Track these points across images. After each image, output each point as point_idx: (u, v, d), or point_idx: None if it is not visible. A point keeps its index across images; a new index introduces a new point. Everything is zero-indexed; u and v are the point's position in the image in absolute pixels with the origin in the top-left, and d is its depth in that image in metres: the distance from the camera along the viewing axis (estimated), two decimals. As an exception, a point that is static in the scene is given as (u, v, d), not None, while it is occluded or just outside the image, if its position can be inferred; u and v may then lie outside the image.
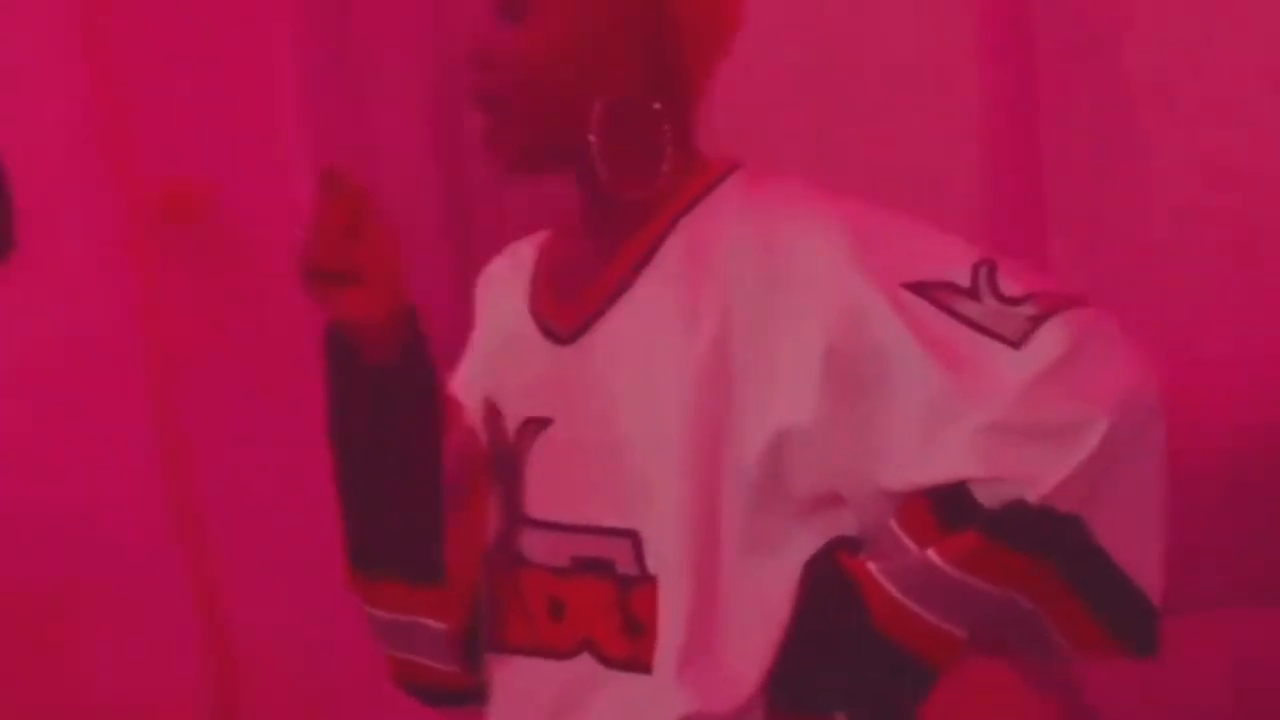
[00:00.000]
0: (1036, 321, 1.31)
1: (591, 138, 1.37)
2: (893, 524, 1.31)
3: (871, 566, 1.31)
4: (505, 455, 1.45)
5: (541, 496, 1.42)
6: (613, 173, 1.38)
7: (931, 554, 1.29)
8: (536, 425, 1.42)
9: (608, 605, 1.36)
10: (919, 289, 1.32)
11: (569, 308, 1.43)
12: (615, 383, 1.39)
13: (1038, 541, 1.29)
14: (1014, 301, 1.32)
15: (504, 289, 1.51)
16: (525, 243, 1.53)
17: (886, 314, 1.31)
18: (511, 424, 1.44)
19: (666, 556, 1.33)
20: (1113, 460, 1.29)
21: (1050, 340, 1.31)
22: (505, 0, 1.39)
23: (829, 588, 1.33)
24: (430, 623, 1.44)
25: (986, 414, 1.29)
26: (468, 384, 1.51)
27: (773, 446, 1.33)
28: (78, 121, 2.70)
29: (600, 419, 1.39)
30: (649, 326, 1.39)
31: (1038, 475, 1.28)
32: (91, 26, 2.70)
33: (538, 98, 1.38)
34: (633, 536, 1.35)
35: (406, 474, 1.40)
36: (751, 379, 1.34)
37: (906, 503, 1.31)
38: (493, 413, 1.46)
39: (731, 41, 1.42)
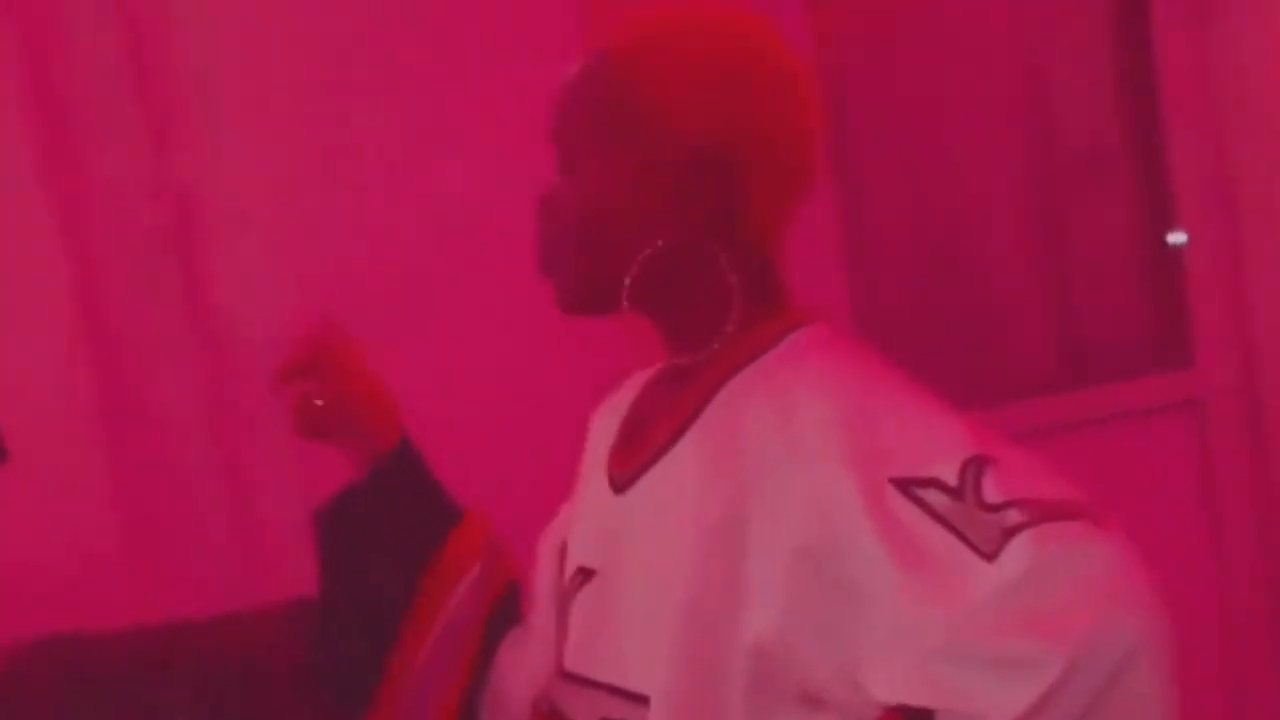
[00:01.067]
0: (1009, 534, 1.21)
1: (626, 280, 1.38)
2: None
3: None
4: (559, 602, 1.47)
5: (579, 649, 1.41)
6: (661, 317, 1.41)
7: None
8: (584, 575, 1.43)
9: None
10: (903, 485, 1.24)
11: (630, 455, 1.43)
12: (645, 543, 1.37)
13: None
14: (993, 508, 1.23)
15: (604, 425, 1.52)
16: (637, 376, 1.54)
17: (857, 512, 1.24)
18: (569, 569, 1.45)
19: None
20: (1084, 698, 1.18)
21: (1016, 557, 1.21)
22: (558, 151, 1.42)
23: None
24: None
25: (941, 637, 1.20)
26: (562, 517, 1.54)
27: (757, 636, 1.28)
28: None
29: (631, 577, 1.37)
30: (677, 488, 1.36)
31: (989, 710, 1.19)
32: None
33: (582, 245, 1.40)
34: (648, 703, 1.32)
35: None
36: (756, 558, 1.29)
37: (881, 715, 1.24)
38: (560, 554, 1.49)
39: (807, 189, 1.41)
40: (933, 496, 1.24)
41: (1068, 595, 1.19)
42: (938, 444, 1.27)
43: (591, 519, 1.45)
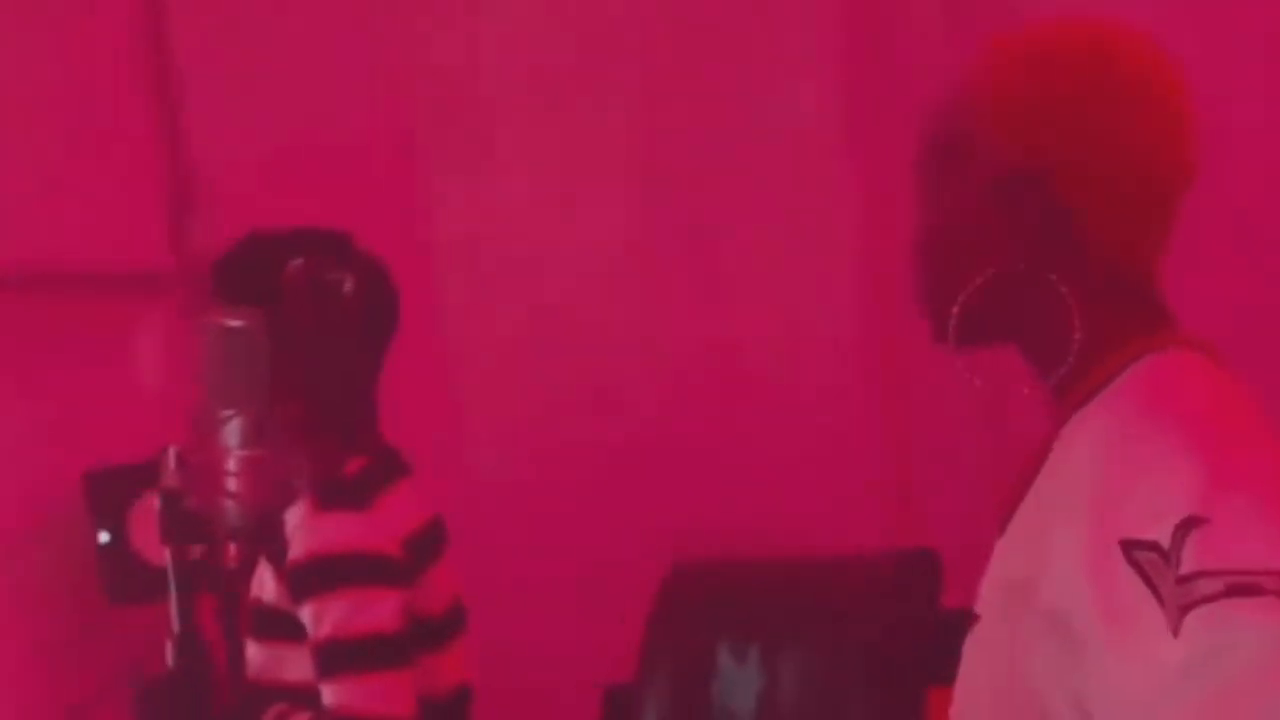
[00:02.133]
0: (1186, 610, 1.19)
1: (954, 309, 1.38)
2: None
3: None
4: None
5: (957, 697, 1.43)
6: (1013, 347, 1.41)
7: None
8: (972, 618, 1.42)
9: None
10: (1128, 546, 1.23)
11: (1009, 496, 1.42)
12: (992, 590, 1.40)
13: None
14: (1185, 579, 1.19)
15: None
16: None
17: (1083, 579, 1.26)
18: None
19: None
20: None
21: (1189, 637, 1.18)
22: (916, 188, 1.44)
23: None
24: None
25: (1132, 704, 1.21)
26: None
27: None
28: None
29: (986, 623, 1.39)
30: (1020, 532, 1.38)
31: None
32: None
33: (922, 280, 1.42)
34: None
35: None
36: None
37: None
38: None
39: (1168, 205, 1.39)
40: (1149, 560, 1.22)
41: (1237, 682, 1.17)
42: (1179, 497, 1.23)
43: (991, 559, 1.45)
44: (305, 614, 2.00)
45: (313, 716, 2.00)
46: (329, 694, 1.98)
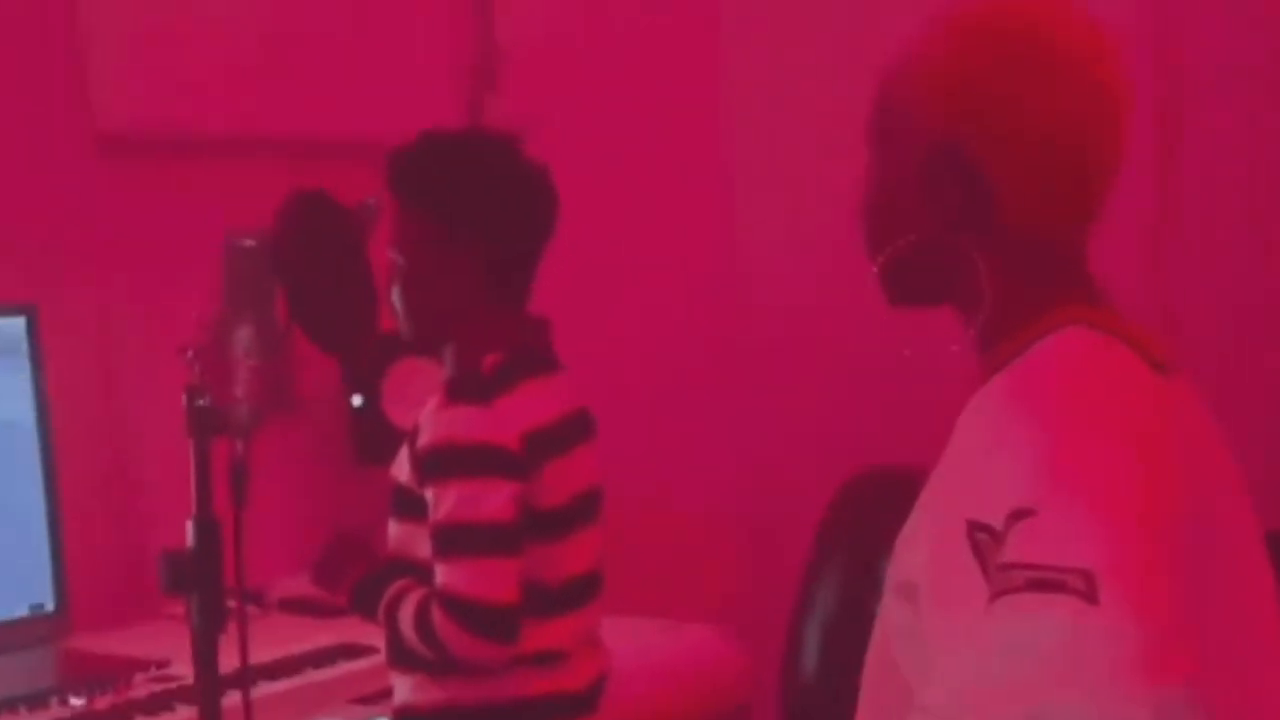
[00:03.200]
0: (995, 597, 1.22)
1: (876, 270, 1.46)
2: None
3: None
4: None
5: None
6: (939, 309, 1.47)
7: None
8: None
9: None
10: (971, 528, 1.27)
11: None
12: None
13: None
14: (1003, 567, 1.23)
15: None
16: None
17: (929, 554, 1.33)
18: None
19: None
20: None
21: (990, 624, 1.22)
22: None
23: None
24: None
25: (929, 695, 1.26)
26: None
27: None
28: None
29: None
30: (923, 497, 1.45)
31: None
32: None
33: (863, 237, 1.49)
34: None
35: None
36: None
37: None
38: None
39: (1089, 182, 1.41)
40: (984, 543, 1.25)
41: (1017, 673, 1.19)
42: (1016, 485, 1.25)
43: None
44: (427, 497, 2.14)
45: (425, 594, 2.13)
46: (440, 573, 2.11)
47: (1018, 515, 1.23)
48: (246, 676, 1.78)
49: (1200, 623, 1.23)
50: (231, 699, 1.79)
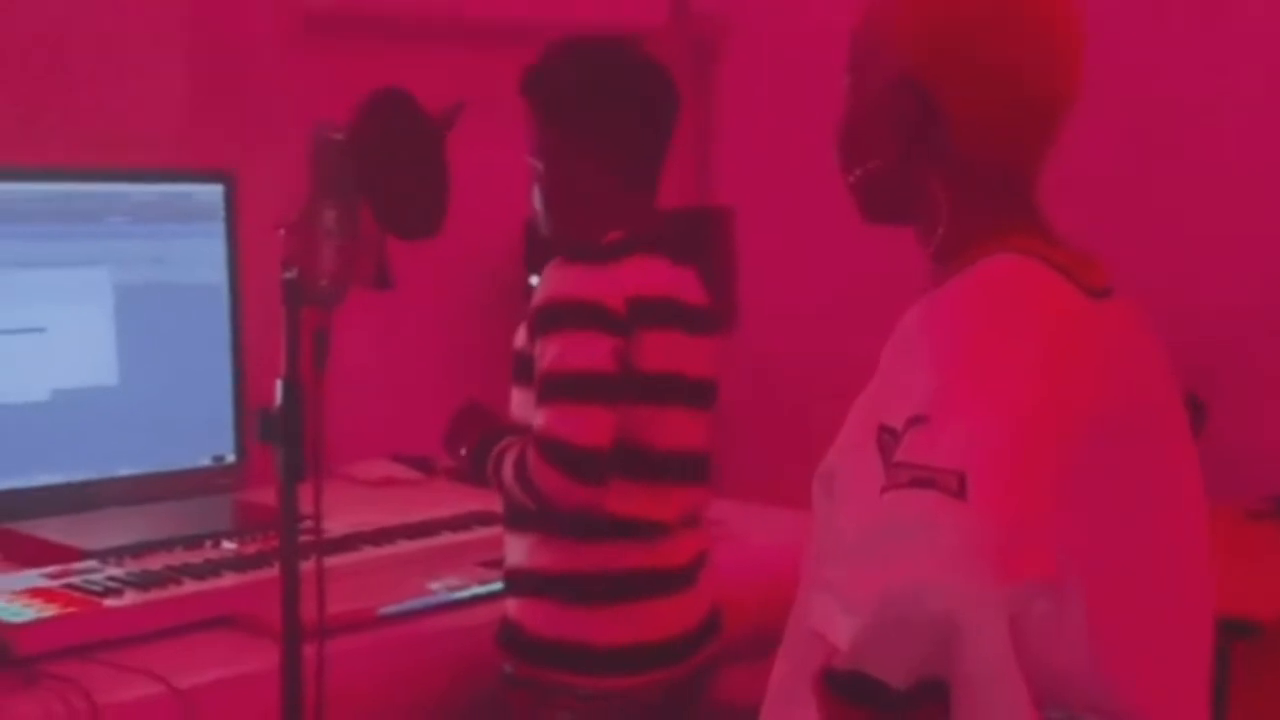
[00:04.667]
0: (883, 491, 1.37)
1: (847, 190, 1.61)
2: None
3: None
4: None
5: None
6: (873, 217, 1.62)
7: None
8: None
9: None
10: (880, 431, 1.43)
11: None
12: None
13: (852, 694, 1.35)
14: (894, 465, 1.38)
15: None
16: None
17: (848, 444, 1.52)
18: None
19: None
20: (896, 648, 1.31)
21: (874, 513, 1.38)
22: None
23: None
24: None
25: (827, 571, 1.44)
26: None
27: None
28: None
29: None
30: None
31: (835, 640, 1.36)
32: None
33: (840, 151, 1.62)
34: None
35: None
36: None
37: None
38: None
39: (1040, 117, 1.53)
40: (886, 444, 1.41)
41: (887, 554, 1.34)
42: (918, 393, 1.39)
43: None
44: (535, 353, 2.23)
45: (525, 440, 2.22)
46: (538, 417, 2.20)
47: (914, 421, 1.37)
48: (319, 530, 1.90)
49: (1088, 528, 1.35)
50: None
